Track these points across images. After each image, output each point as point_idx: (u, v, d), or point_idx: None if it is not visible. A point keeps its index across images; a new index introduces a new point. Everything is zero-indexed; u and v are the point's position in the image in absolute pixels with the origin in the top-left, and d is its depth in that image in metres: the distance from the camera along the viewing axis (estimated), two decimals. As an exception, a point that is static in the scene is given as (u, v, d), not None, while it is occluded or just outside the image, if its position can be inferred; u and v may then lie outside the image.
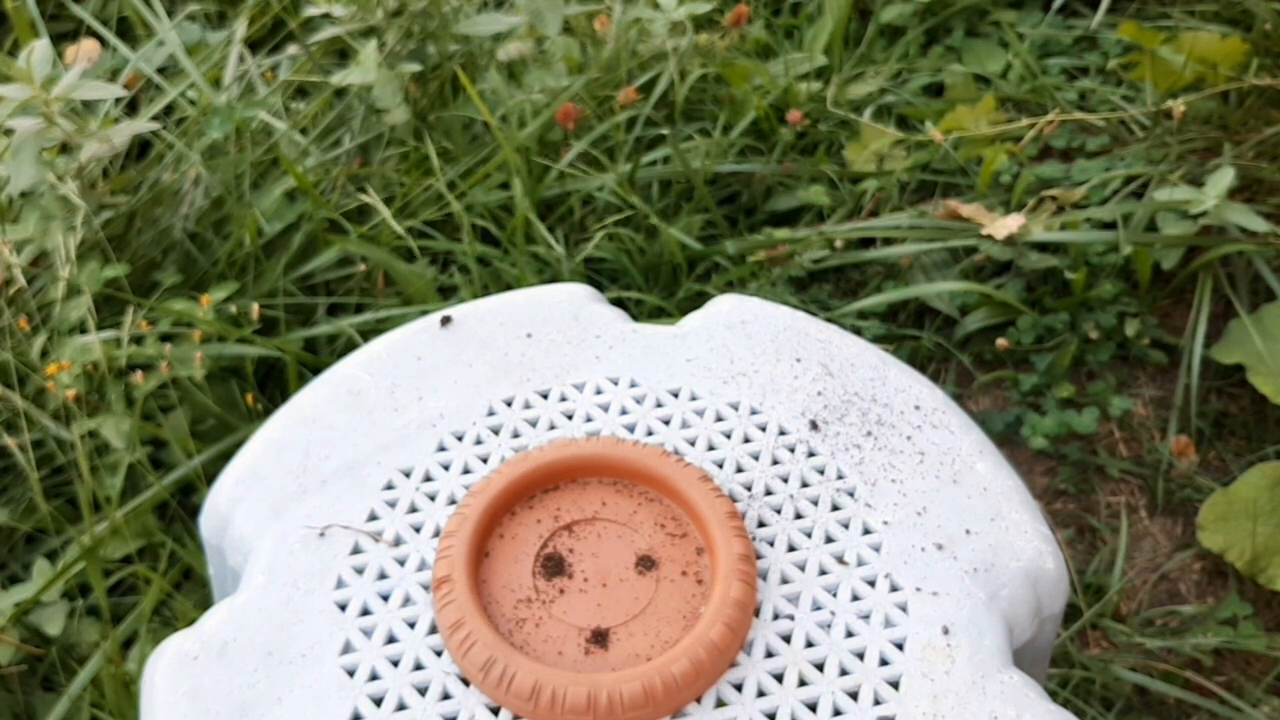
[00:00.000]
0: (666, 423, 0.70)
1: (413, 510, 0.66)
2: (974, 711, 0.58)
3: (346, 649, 0.60)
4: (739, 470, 0.68)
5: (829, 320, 1.30)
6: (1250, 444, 1.25)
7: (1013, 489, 0.69)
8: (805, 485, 0.67)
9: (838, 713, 0.58)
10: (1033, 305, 1.34)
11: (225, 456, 1.12)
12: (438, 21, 1.39)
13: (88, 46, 1.52)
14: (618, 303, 0.99)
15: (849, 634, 0.61)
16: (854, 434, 0.70)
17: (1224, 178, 1.27)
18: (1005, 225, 1.31)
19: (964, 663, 0.60)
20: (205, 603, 1.07)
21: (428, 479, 0.67)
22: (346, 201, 1.34)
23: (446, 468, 0.68)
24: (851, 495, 0.67)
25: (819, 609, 0.62)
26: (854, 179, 1.47)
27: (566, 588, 0.62)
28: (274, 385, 1.24)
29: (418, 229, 1.33)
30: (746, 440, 0.70)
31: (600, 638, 0.60)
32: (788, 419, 0.71)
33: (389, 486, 0.67)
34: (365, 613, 0.62)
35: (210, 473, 1.12)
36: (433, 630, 0.61)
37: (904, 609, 0.62)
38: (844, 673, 0.59)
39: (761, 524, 0.65)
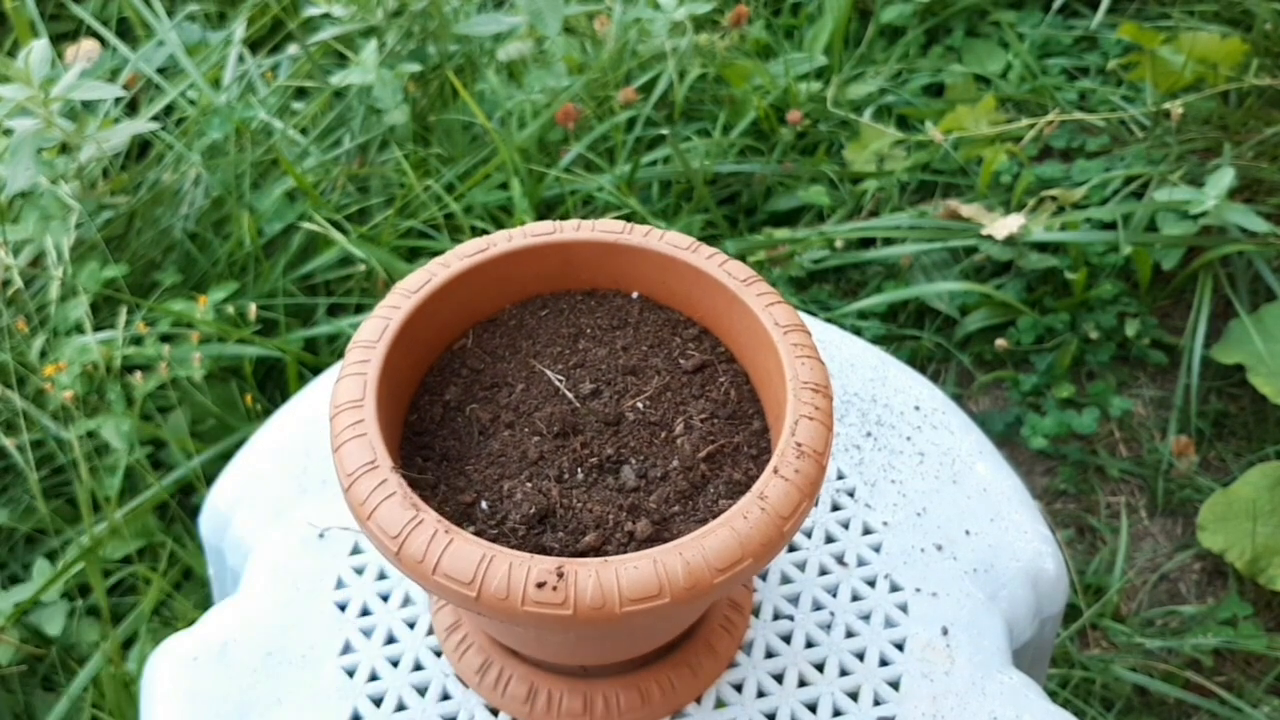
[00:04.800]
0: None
1: (412, 511, 0.66)
2: (974, 711, 0.58)
3: (346, 649, 0.60)
4: (739, 470, 0.68)
5: (829, 320, 1.30)
6: (1250, 444, 1.25)
7: (1012, 489, 0.68)
8: (805, 485, 0.67)
9: (838, 713, 0.58)
10: (1033, 305, 1.34)
11: (225, 457, 1.12)
12: (438, 22, 1.39)
13: (87, 46, 1.52)
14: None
15: (849, 634, 0.61)
16: (854, 434, 0.70)
17: (1224, 178, 1.27)
18: (1005, 225, 1.31)
19: (964, 663, 0.60)
20: (205, 603, 1.06)
21: (427, 479, 0.67)
22: (347, 202, 1.34)
23: (446, 468, 0.68)
24: (851, 495, 0.67)
25: (819, 609, 0.62)
26: (854, 179, 1.47)
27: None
28: (274, 385, 1.24)
29: (417, 229, 1.33)
30: (746, 440, 0.70)
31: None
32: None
33: (389, 487, 0.67)
34: (365, 613, 0.62)
35: (210, 473, 1.12)
36: (432, 631, 0.61)
37: (904, 609, 0.62)
38: (844, 673, 0.59)
39: (761, 524, 0.65)
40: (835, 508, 0.66)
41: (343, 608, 0.62)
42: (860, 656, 0.60)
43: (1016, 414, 1.27)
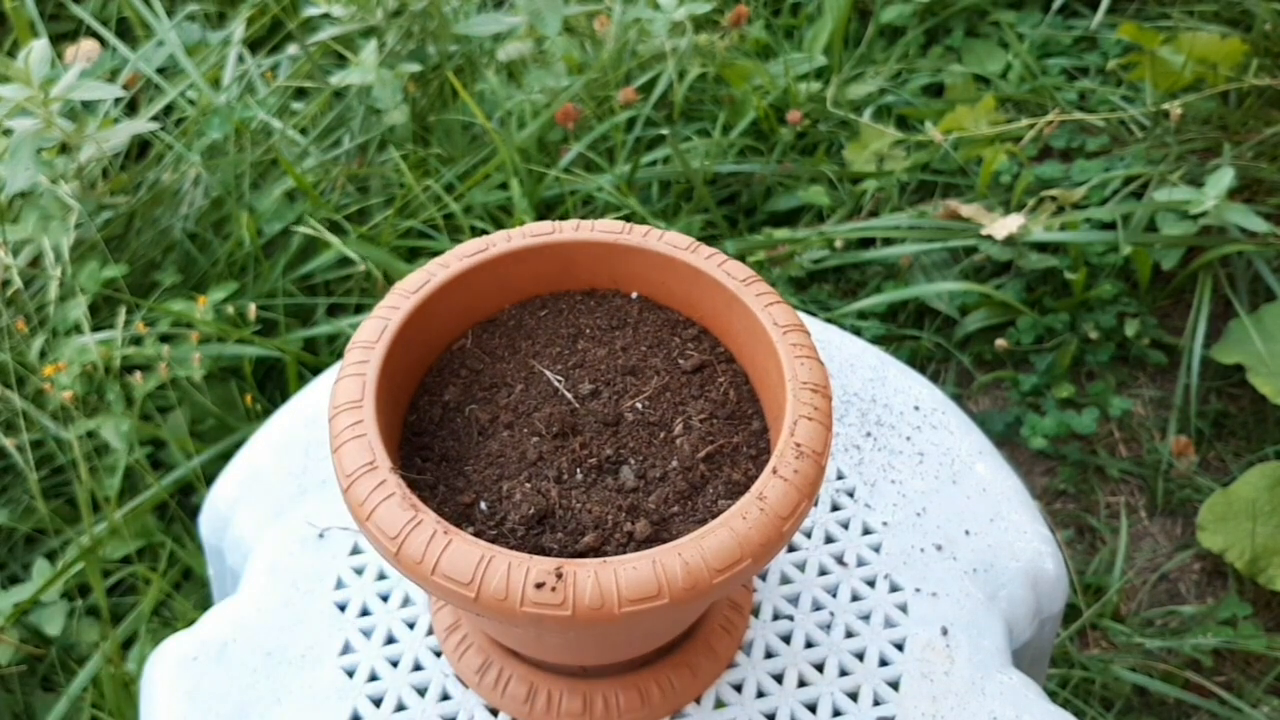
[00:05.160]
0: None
1: (412, 511, 0.65)
2: (973, 712, 0.58)
3: (346, 649, 0.60)
4: (738, 471, 0.68)
5: (829, 320, 1.30)
6: (1250, 444, 1.25)
7: (1012, 489, 0.68)
8: (805, 486, 0.67)
9: (837, 713, 0.58)
10: (1033, 305, 1.34)
11: (224, 457, 1.12)
12: (437, 22, 1.39)
13: (87, 46, 1.52)
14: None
15: (849, 634, 0.61)
16: (853, 434, 0.70)
17: (1224, 178, 1.27)
18: (1005, 225, 1.31)
19: (963, 663, 0.60)
20: (205, 603, 1.06)
21: (427, 479, 0.67)
22: (347, 202, 1.34)
23: (446, 468, 0.68)
24: (851, 495, 0.67)
25: (819, 609, 0.62)
26: (854, 179, 1.47)
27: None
28: (274, 385, 1.24)
29: (417, 229, 1.33)
30: (746, 441, 0.70)
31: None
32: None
33: (388, 487, 0.67)
34: (365, 613, 0.62)
35: (209, 473, 1.12)
36: (432, 631, 0.61)
37: (904, 609, 0.62)
38: (844, 673, 0.59)
39: (761, 524, 0.65)
40: (835, 508, 0.66)
41: (342, 608, 0.62)
42: (860, 656, 0.60)
43: (1016, 414, 1.27)
